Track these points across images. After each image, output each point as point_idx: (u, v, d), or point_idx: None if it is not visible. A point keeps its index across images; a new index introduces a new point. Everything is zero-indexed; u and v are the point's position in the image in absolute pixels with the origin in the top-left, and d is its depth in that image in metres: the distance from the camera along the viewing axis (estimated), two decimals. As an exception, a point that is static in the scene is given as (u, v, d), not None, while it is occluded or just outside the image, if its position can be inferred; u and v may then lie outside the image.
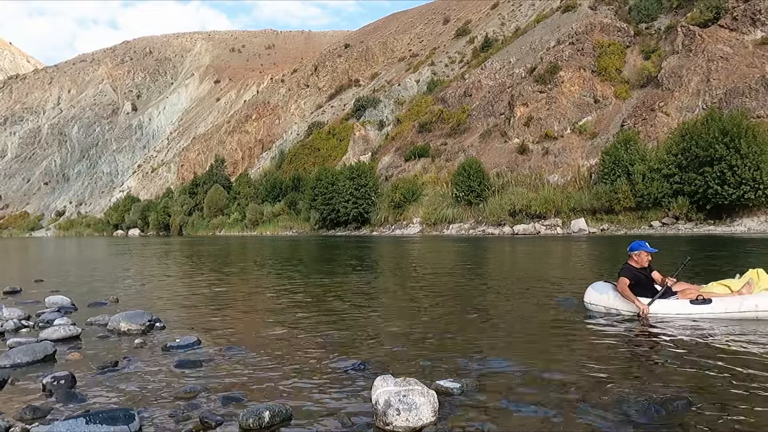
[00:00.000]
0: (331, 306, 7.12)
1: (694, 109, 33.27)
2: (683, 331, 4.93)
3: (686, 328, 5.01)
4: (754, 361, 3.95)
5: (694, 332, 4.85)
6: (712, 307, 5.25)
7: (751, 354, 4.13)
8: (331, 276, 10.96)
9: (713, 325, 5.03)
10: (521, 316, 6.01)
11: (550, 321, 5.66)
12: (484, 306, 6.84)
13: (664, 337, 4.74)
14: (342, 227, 45.78)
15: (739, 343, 4.45)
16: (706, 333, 4.81)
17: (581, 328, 5.27)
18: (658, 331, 5.00)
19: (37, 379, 3.75)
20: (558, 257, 15.62)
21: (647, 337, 4.87)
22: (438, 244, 23.80)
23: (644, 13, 45.21)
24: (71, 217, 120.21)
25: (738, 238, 20.95)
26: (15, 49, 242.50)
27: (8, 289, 8.79)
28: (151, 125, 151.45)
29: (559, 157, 37.16)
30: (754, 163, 25.16)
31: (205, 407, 3.18)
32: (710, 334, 4.75)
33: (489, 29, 77.96)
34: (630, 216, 29.33)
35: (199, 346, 4.73)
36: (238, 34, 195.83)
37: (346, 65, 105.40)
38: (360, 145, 58.96)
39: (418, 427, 2.83)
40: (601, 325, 5.39)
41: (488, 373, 3.78)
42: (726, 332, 4.80)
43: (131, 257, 20.90)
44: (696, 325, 5.07)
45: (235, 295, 8.66)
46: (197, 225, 68.44)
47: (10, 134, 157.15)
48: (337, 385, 3.58)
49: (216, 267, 14.46)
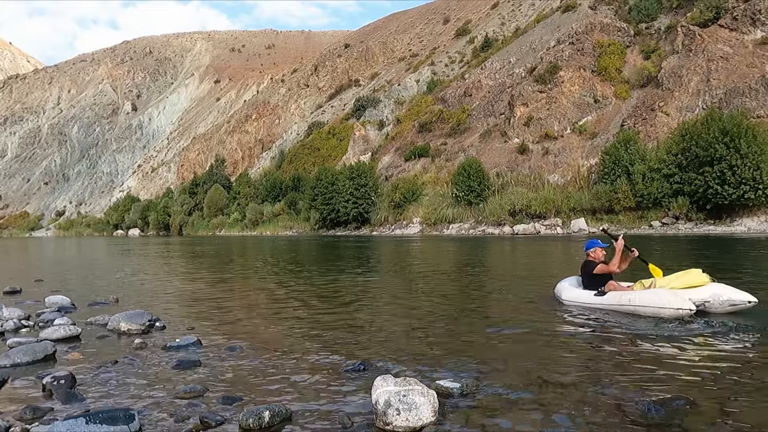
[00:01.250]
0: (331, 306, 7.12)
1: (694, 109, 33.27)
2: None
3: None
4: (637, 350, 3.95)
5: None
6: (605, 299, 5.98)
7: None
8: (331, 276, 10.96)
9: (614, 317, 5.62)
10: (521, 315, 6.01)
11: (549, 321, 5.66)
12: (484, 306, 6.84)
13: (659, 339, 4.74)
14: (342, 227, 45.77)
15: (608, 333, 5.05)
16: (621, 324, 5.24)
17: (581, 328, 5.27)
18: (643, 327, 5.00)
19: (37, 379, 3.75)
20: (558, 257, 15.62)
21: (627, 333, 4.87)
22: (438, 244, 23.79)
23: (644, 13, 45.20)
24: (71, 217, 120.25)
25: (738, 238, 20.96)
26: (15, 49, 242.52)
27: (8, 289, 8.80)
28: (151, 125, 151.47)
29: (559, 157, 37.16)
30: (754, 163, 25.15)
31: (205, 407, 3.18)
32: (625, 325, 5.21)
33: (489, 29, 77.98)
34: (630, 216, 29.32)
35: (199, 346, 4.73)
36: (238, 33, 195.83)
37: (346, 65, 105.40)
38: (360, 145, 58.95)
39: (418, 427, 2.83)
40: (600, 324, 5.39)
41: (488, 373, 3.78)
42: (614, 323, 5.37)
43: (131, 257, 20.90)
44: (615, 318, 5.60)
45: (235, 295, 8.66)
46: (197, 225, 68.45)
47: (10, 134, 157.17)
48: (337, 385, 3.58)
49: (216, 267, 14.47)
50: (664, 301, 5.39)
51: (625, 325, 5.29)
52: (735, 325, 5.01)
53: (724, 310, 5.42)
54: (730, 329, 4.91)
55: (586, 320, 5.62)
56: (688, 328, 5.01)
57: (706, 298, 5.43)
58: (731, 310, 5.43)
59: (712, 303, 5.43)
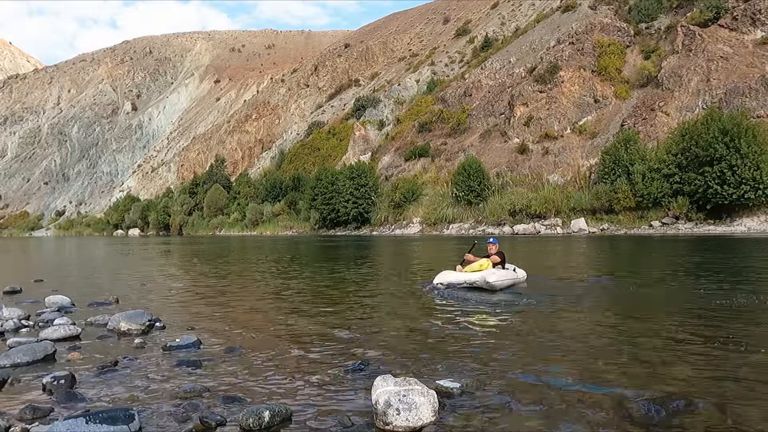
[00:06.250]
0: (331, 306, 7.12)
1: (694, 108, 33.25)
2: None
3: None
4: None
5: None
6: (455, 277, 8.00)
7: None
8: (331, 276, 10.96)
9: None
10: (520, 315, 6.01)
11: (549, 320, 5.67)
12: (483, 305, 6.83)
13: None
14: (342, 227, 45.77)
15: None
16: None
17: (581, 328, 5.27)
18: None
19: (37, 379, 3.75)
20: (558, 257, 15.62)
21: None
22: (438, 244, 23.79)
23: (644, 13, 45.19)
24: (71, 217, 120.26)
25: (738, 237, 20.96)
26: (15, 48, 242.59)
27: (8, 289, 8.79)
28: (151, 125, 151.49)
29: (559, 157, 37.15)
30: (754, 163, 25.15)
31: (205, 407, 3.18)
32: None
33: (489, 29, 77.99)
34: (630, 216, 29.33)
35: (199, 346, 4.73)
36: (238, 33, 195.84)
37: (346, 65, 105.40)
38: (360, 144, 58.93)
39: (418, 427, 2.83)
40: (598, 324, 5.39)
41: (488, 373, 3.78)
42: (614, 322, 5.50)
43: (131, 257, 20.90)
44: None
45: (235, 296, 8.66)
46: (197, 225, 68.46)
47: (10, 134, 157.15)
48: (337, 385, 3.57)
49: (216, 267, 14.46)
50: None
51: (629, 325, 5.29)
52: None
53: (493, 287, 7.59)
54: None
55: (583, 319, 5.62)
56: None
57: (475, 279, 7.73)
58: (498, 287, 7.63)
59: (480, 283, 7.69)
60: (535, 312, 6.21)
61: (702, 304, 6.34)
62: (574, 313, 6.06)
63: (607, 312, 6.16)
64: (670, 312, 6.03)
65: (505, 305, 6.77)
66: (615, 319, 5.69)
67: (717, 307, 6.08)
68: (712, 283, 8.17)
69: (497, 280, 7.62)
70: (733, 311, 5.88)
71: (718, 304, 6.23)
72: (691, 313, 5.90)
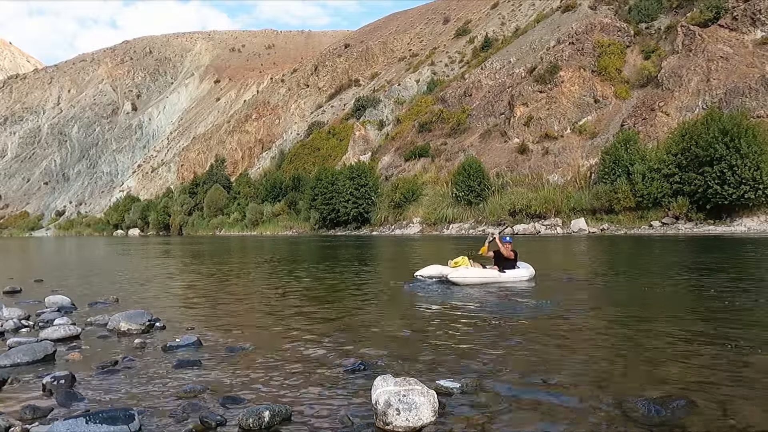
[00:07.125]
0: (331, 306, 7.12)
1: (694, 108, 33.25)
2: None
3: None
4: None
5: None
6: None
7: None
8: (331, 276, 10.96)
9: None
10: (520, 314, 6.01)
11: (549, 320, 5.67)
12: (483, 305, 6.84)
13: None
14: (342, 227, 45.77)
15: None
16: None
17: (582, 328, 5.27)
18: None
19: (37, 379, 3.75)
20: (558, 256, 15.62)
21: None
22: (438, 244, 23.79)
23: (644, 13, 45.19)
24: (71, 217, 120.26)
25: (737, 237, 20.96)
26: (15, 48, 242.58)
27: (8, 289, 8.79)
28: (151, 125, 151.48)
29: (559, 157, 37.15)
30: (754, 163, 25.15)
31: (205, 407, 3.18)
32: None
33: (489, 29, 77.99)
34: (630, 216, 29.32)
35: (199, 346, 4.73)
36: (238, 33, 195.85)
37: (346, 65, 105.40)
38: (360, 144, 58.94)
39: (418, 427, 2.83)
40: (598, 324, 5.39)
41: (488, 373, 3.78)
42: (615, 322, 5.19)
43: (131, 257, 20.90)
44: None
45: (235, 295, 8.66)
46: (197, 225, 68.46)
47: (10, 134, 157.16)
48: (337, 385, 3.57)
49: (216, 267, 14.46)
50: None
51: (629, 325, 5.29)
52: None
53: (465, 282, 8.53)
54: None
55: (582, 318, 5.62)
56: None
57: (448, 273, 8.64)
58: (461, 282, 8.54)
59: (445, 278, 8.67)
60: (535, 312, 6.21)
61: (702, 304, 6.35)
62: (575, 313, 6.06)
63: (608, 312, 6.17)
64: (669, 312, 6.03)
65: (506, 306, 6.78)
66: (615, 319, 5.69)
67: (717, 308, 6.08)
68: (711, 282, 8.17)
69: (458, 277, 8.62)
70: (733, 311, 5.88)
71: (718, 305, 6.23)
72: (691, 313, 5.91)
